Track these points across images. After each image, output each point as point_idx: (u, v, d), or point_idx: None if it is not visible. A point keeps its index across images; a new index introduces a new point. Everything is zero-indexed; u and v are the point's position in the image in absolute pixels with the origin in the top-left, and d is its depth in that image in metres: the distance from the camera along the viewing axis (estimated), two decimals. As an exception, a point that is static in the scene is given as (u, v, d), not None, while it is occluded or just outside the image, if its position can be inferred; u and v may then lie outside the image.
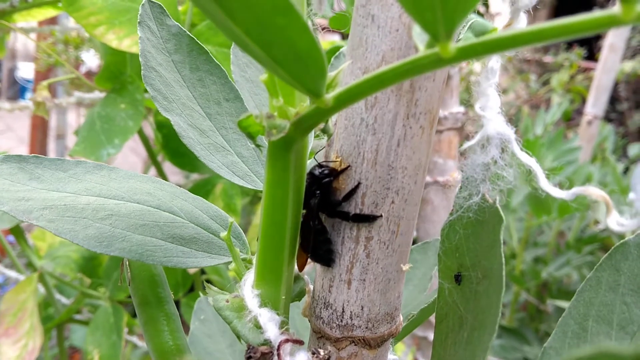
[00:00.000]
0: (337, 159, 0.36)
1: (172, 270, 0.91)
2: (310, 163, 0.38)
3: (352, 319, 0.37)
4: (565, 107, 2.01)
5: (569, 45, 3.02)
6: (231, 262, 0.38)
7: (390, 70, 0.27)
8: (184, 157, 0.90)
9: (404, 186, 0.35)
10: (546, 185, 0.31)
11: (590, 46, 2.97)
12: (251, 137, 0.33)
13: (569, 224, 1.90)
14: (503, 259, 0.31)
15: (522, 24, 0.34)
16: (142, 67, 0.43)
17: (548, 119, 1.89)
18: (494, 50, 0.26)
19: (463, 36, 0.44)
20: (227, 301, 0.37)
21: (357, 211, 0.36)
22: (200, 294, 0.63)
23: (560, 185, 0.31)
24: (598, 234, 1.76)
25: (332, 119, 0.36)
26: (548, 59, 3.01)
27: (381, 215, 0.35)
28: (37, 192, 0.38)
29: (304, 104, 0.32)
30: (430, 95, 0.34)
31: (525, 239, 1.76)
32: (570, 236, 1.83)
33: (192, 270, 0.90)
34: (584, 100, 2.19)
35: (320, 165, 0.36)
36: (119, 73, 0.82)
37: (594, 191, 0.29)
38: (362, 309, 0.37)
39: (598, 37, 2.90)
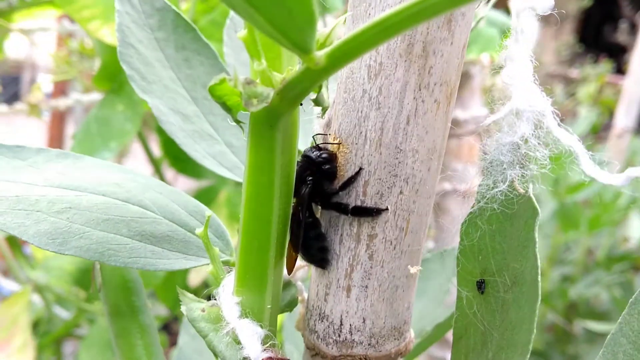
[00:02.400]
0: (335, 140, 0.30)
1: (171, 281, 0.85)
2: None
3: (352, 334, 0.31)
4: (592, 119, 1.93)
5: (596, 59, 2.94)
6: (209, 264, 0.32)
7: (395, 14, 0.21)
8: (185, 162, 0.85)
9: (415, 173, 0.29)
10: (591, 169, 0.24)
11: (618, 61, 2.89)
12: (229, 110, 0.27)
13: (598, 242, 1.81)
14: (539, 261, 0.25)
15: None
16: (118, 43, 0.38)
17: (575, 131, 1.81)
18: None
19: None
20: (203, 310, 0.31)
21: (358, 203, 0.29)
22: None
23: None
24: (629, 252, 1.67)
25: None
26: (574, 73, 2.93)
27: (387, 209, 0.29)
28: (-12, 182, 0.32)
29: (292, 69, 0.26)
30: (447, 62, 0.28)
31: (551, 256, 1.68)
32: (599, 254, 1.74)
33: (193, 282, 0.84)
34: (612, 114, 2.11)
35: (317, 147, 0.30)
36: (117, 72, 0.77)
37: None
38: (364, 322, 0.31)
39: (624, 51, 2.82)
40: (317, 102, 0.28)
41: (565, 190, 1.50)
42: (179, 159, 0.86)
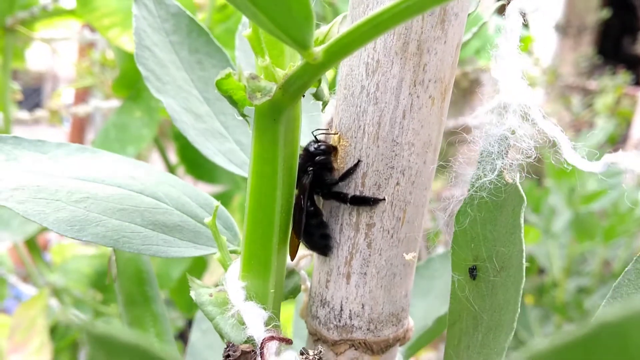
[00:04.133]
0: (335, 134, 0.32)
1: (186, 285, 0.87)
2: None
3: (351, 319, 0.33)
4: (609, 129, 1.92)
5: (614, 70, 2.93)
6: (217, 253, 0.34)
7: (386, 11, 0.23)
8: (201, 168, 0.87)
9: (411, 165, 0.31)
10: (573, 157, 0.26)
11: (637, 72, 2.88)
12: (235, 104, 0.29)
13: (615, 253, 1.80)
14: (524, 246, 0.26)
15: None
16: (135, 46, 0.40)
17: (591, 141, 1.81)
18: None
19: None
20: (211, 295, 0.33)
21: (357, 193, 0.31)
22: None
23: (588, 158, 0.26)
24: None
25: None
26: (592, 85, 2.92)
27: (384, 199, 0.31)
28: (12, 173, 0.35)
29: (293, 65, 0.28)
30: (441, 60, 0.30)
31: (568, 267, 1.68)
32: (616, 265, 1.73)
33: (207, 283, 0.86)
34: (630, 125, 2.10)
35: (316, 140, 0.32)
36: (135, 80, 0.80)
37: (627, 159, 0.24)
38: (362, 308, 0.32)
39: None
40: (316, 96, 0.29)
41: (580, 200, 1.50)
42: (194, 165, 0.88)
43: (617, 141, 2.15)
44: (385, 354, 0.34)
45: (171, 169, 0.96)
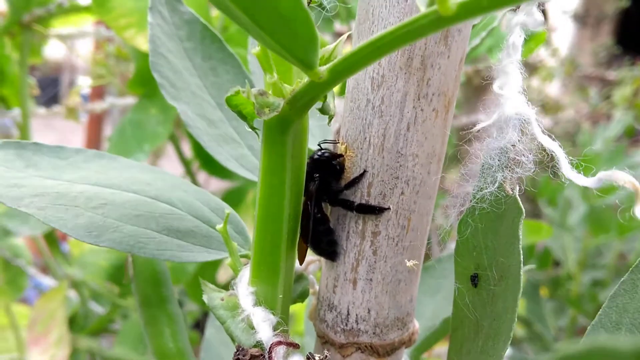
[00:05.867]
0: (342, 145, 0.33)
1: (201, 274, 0.88)
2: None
3: (357, 323, 0.34)
4: (626, 122, 1.91)
5: (633, 61, 2.89)
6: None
7: (387, 34, 0.24)
8: (215, 164, 0.88)
9: (415, 176, 0.32)
10: (569, 172, 0.27)
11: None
12: (245, 118, 0.30)
13: (631, 246, 1.80)
14: (521, 257, 0.27)
15: None
16: (150, 53, 0.41)
17: (608, 133, 1.80)
18: (501, 5, 0.22)
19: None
20: (222, 299, 0.34)
21: (363, 202, 0.32)
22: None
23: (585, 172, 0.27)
24: (662, 257, 1.65)
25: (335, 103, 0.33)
26: (611, 75, 2.89)
27: (389, 208, 0.32)
28: (32, 179, 0.36)
29: (300, 81, 0.29)
30: (445, 74, 0.31)
31: (583, 260, 1.67)
32: (631, 258, 1.73)
33: (222, 278, 0.88)
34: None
35: (323, 150, 0.33)
36: (151, 78, 0.81)
37: (621, 176, 0.25)
38: (368, 312, 0.34)
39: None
40: (323, 110, 0.30)
41: (595, 193, 1.50)
42: (208, 161, 0.89)
43: (634, 134, 2.13)
44: (391, 357, 0.35)
45: (186, 164, 0.97)
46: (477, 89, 0.86)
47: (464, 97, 1.15)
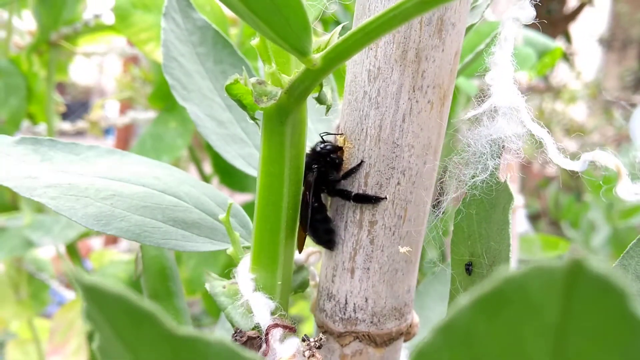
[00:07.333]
0: (341, 137, 0.34)
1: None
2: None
3: (355, 312, 0.34)
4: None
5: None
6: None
7: (374, 20, 0.25)
8: (234, 178, 0.90)
9: (411, 166, 0.32)
10: (556, 156, 0.27)
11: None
12: (245, 108, 0.32)
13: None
14: (510, 241, 0.28)
15: None
16: (162, 57, 0.43)
17: (629, 155, 1.79)
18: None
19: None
20: (224, 287, 0.35)
21: (360, 192, 0.33)
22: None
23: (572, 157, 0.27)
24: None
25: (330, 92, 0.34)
26: (637, 99, 2.87)
27: (385, 197, 0.33)
28: (46, 172, 0.38)
29: (297, 71, 0.30)
30: (439, 67, 0.32)
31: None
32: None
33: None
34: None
35: (322, 141, 0.34)
36: (170, 92, 0.83)
37: (604, 157, 0.26)
38: (366, 301, 0.34)
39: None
40: (319, 100, 0.31)
41: (619, 215, 1.48)
42: (227, 175, 0.90)
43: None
44: (389, 347, 0.35)
45: (206, 179, 0.99)
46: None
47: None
